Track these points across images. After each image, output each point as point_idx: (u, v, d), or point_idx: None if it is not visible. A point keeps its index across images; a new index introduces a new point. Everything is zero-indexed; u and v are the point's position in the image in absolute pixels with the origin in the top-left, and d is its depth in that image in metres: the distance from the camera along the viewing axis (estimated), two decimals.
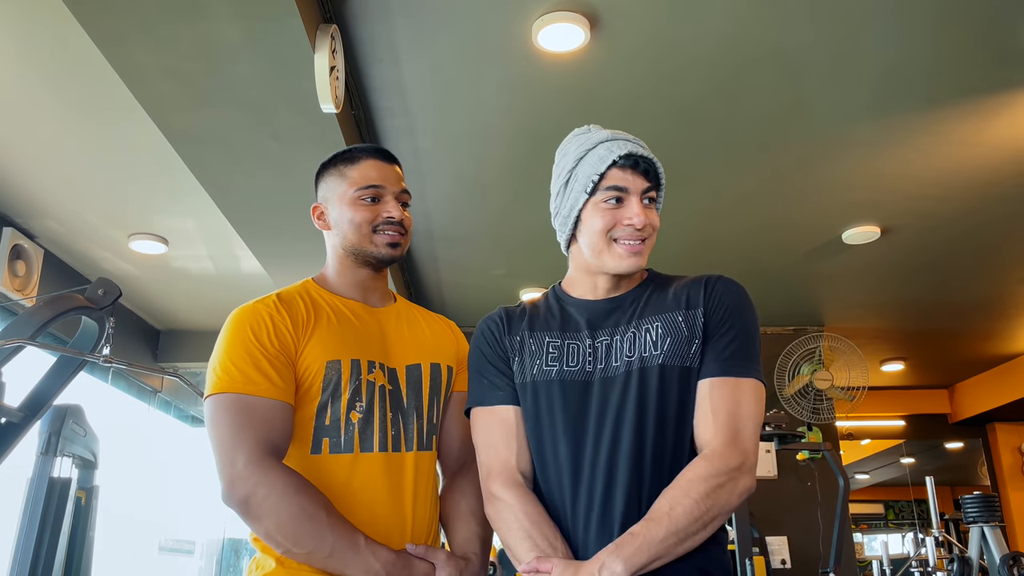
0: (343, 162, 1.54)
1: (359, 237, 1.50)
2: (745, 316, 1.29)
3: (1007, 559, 3.57)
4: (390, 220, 1.51)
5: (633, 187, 1.30)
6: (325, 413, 1.40)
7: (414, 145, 3.26)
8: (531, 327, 1.39)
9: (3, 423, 2.28)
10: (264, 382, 1.35)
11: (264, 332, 1.39)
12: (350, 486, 1.38)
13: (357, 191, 1.50)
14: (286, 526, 1.28)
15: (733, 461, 1.18)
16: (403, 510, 1.41)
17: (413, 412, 1.48)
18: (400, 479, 1.42)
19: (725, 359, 1.25)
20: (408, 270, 4.56)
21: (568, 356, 1.33)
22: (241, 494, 1.29)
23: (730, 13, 2.54)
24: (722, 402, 1.23)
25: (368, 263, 1.53)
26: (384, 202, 1.52)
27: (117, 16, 2.16)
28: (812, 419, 5.20)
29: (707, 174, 3.57)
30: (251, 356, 1.37)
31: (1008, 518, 6.92)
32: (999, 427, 7.17)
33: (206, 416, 1.37)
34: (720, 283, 1.31)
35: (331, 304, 1.50)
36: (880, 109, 3.06)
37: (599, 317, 1.35)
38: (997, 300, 5.10)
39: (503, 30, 2.59)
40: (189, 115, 2.65)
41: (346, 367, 1.42)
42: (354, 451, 1.39)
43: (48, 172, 3.38)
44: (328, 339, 1.43)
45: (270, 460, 1.31)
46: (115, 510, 3.86)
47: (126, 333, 4.98)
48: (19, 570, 2.31)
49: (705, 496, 1.16)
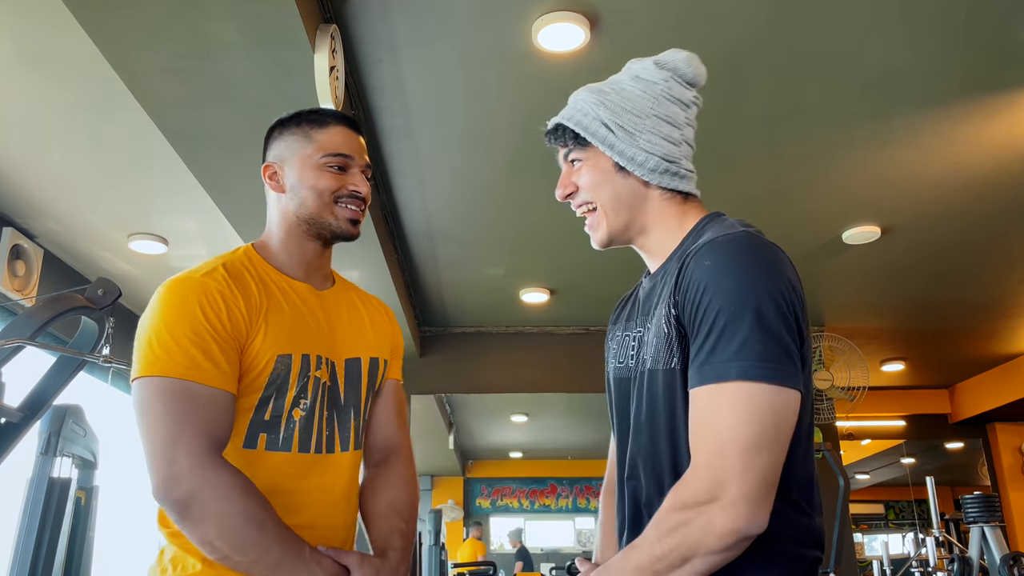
0: (309, 123, 1.41)
1: (320, 206, 1.37)
2: (723, 292, 1.00)
3: (1007, 559, 3.57)
4: (355, 193, 1.39)
5: (561, 159, 1.24)
6: (266, 408, 1.28)
7: (414, 145, 3.26)
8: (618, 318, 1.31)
9: (3, 423, 2.28)
10: (212, 368, 1.21)
11: (214, 311, 1.24)
12: (284, 487, 1.27)
13: (324, 157, 1.38)
14: (230, 533, 1.16)
15: (701, 493, 0.94)
16: (336, 513, 1.34)
17: (351, 410, 1.39)
18: (334, 481, 1.34)
19: (701, 363, 0.99)
20: (408, 270, 4.56)
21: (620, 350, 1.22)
22: (180, 494, 1.15)
23: (730, 13, 2.54)
24: (697, 418, 0.99)
25: (321, 236, 1.39)
26: (351, 173, 1.40)
27: (117, 16, 2.16)
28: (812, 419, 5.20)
29: (707, 174, 3.55)
30: (199, 337, 1.21)
31: (1008, 518, 6.92)
32: (999, 427, 7.17)
33: (136, 400, 1.21)
34: (699, 257, 1.05)
35: (279, 286, 1.36)
36: (880, 109, 3.06)
37: (641, 299, 1.20)
38: (997, 300, 5.10)
39: (503, 30, 2.59)
40: (189, 115, 2.65)
41: (296, 363, 1.30)
42: (292, 450, 1.29)
43: (48, 172, 3.38)
44: (280, 329, 1.31)
45: (214, 457, 1.18)
46: (115, 510, 3.86)
47: (126, 333, 4.97)
48: (19, 570, 2.31)
49: (667, 533, 0.95)
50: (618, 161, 1.17)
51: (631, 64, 1.23)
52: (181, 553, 1.24)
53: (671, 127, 1.19)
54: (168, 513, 1.19)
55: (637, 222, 1.20)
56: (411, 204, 3.78)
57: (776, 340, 0.97)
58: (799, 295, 1.06)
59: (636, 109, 1.18)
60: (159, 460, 1.17)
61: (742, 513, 0.91)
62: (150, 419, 1.20)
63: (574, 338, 5.70)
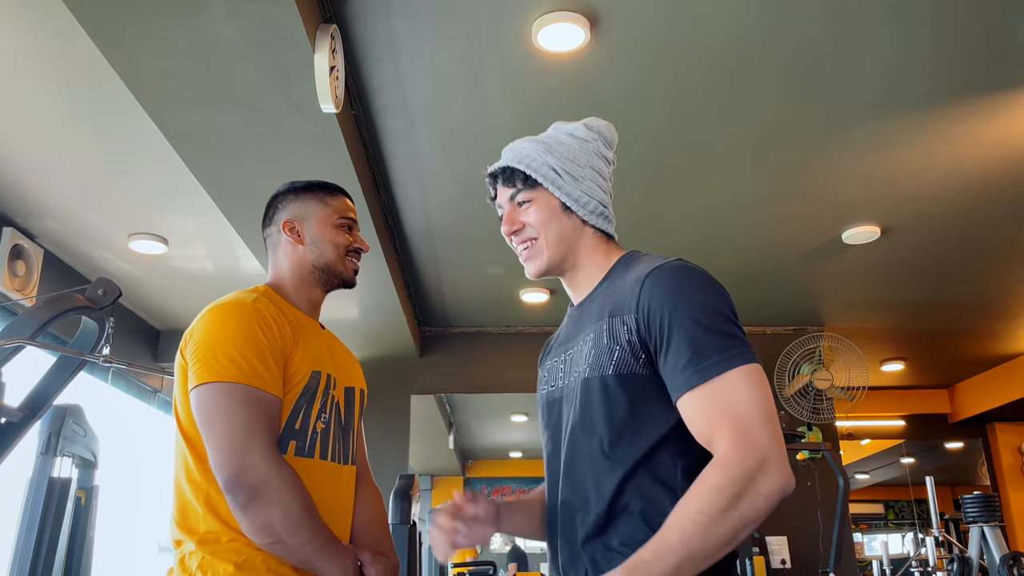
0: (322, 191, 1.69)
1: (336, 257, 1.65)
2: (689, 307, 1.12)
3: (1007, 559, 3.57)
4: (359, 250, 1.70)
5: (502, 198, 1.37)
6: (297, 418, 1.48)
7: (414, 145, 3.26)
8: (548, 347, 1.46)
9: (3, 423, 2.28)
10: (270, 377, 1.43)
11: (267, 329, 1.46)
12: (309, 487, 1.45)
13: (339, 219, 1.67)
14: (292, 517, 1.35)
15: (749, 463, 1.01)
16: (342, 516, 1.55)
17: (349, 430, 1.61)
18: (340, 489, 1.56)
19: (697, 363, 1.08)
20: (408, 270, 4.56)
21: (551, 376, 1.37)
22: (253, 481, 1.34)
23: (730, 13, 2.54)
24: (711, 410, 1.07)
25: (329, 282, 1.66)
26: (355, 233, 1.71)
27: (117, 16, 2.16)
28: (812, 419, 5.21)
29: (707, 174, 3.57)
30: (259, 350, 1.43)
31: (1008, 518, 6.92)
32: (999, 427, 7.17)
33: (210, 402, 1.39)
34: (656, 279, 1.16)
35: (298, 317, 1.59)
36: (880, 109, 3.06)
37: (571, 327, 1.36)
38: (997, 300, 5.10)
39: (503, 30, 2.59)
40: (189, 115, 2.65)
41: (323, 379, 1.53)
42: (315, 457, 1.49)
43: (48, 172, 3.38)
44: (310, 350, 1.54)
45: (279, 453, 1.41)
46: (115, 510, 3.85)
47: (126, 333, 4.98)
48: (19, 570, 2.31)
49: (724, 511, 1.00)
50: (564, 201, 1.32)
51: (560, 125, 1.38)
52: (210, 559, 1.37)
53: (601, 178, 1.35)
54: (236, 498, 1.35)
55: (571, 257, 1.34)
56: (411, 204, 3.78)
57: (741, 330, 1.15)
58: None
59: (576, 159, 1.33)
60: (236, 452, 1.36)
61: (783, 475, 1.03)
62: (224, 417, 1.38)
63: None
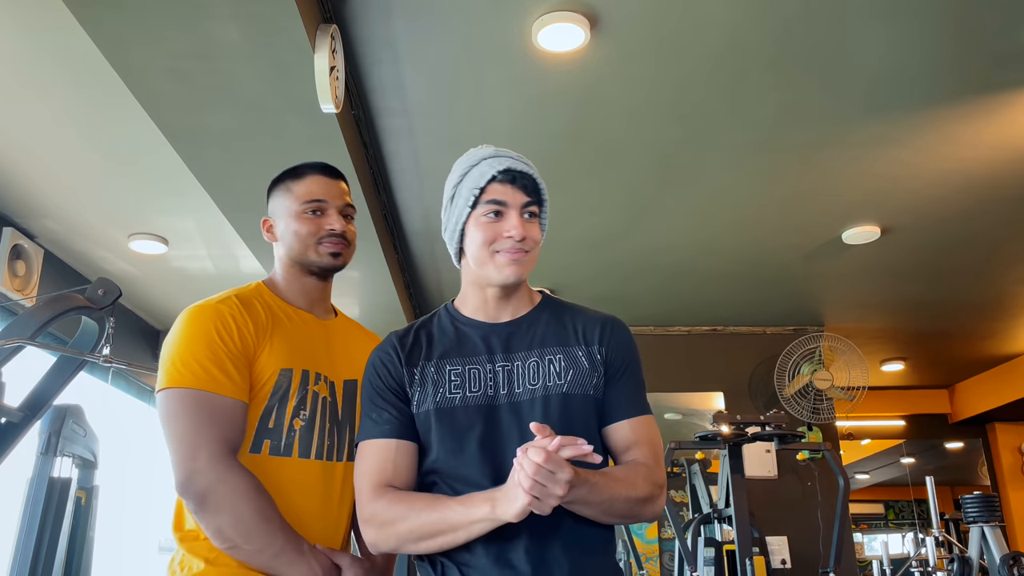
0: (290, 178, 1.62)
1: (303, 248, 1.58)
2: (638, 359, 1.45)
3: (1007, 559, 3.57)
4: (332, 232, 1.59)
5: (512, 201, 1.36)
6: (270, 417, 1.46)
7: (414, 145, 3.26)
8: (429, 355, 1.41)
9: (3, 423, 2.28)
10: (227, 381, 1.41)
11: (227, 331, 1.44)
12: (284, 488, 1.43)
13: (301, 205, 1.58)
14: (243, 523, 1.34)
15: (660, 480, 1.34)
16: (330, 515, 1.50)
17: (347, 425, 1.56)
18: (330, 486, 1.50)
19: (637, 401, 1.41)
20: (408, 270, 4.56)
21: (471, 382, 1.37)
22: (199, 488, 1.34)
23: (730, 13, 2.54)
24: (645, 435, 1.38)
25: (312, 272, 1.61)
26: (327, 215, 1.60)
27: (117, 16, 2.16)
28: (812, 419, 5.21)
29: (707, 174, 3.57)
30: (214, 354, 1.41)
31: (1008, 518, 6.92)
32: (999, 427, 7.17)
33: (164, 408, 1.40)
34: (616, 327, 1.44)
35: (286, 313, 1.57)
36: (880, 109, 3.06)
37: (498, 341, 1.40)
38: (997, 300, 5.10)
39: (503, 30, 2.59)
40: (189, 115, 2.65)
41: (297, 376, 1.49)
42: (292, 455, 1.46)
43: (48, 172, 3.38)
44: (284, 347, 1.50)
45: (231, 458, 1.38)
46: (115, 510, 3.85)
47: (126, 333, 4.97)
48: (19, 570, 2.31)
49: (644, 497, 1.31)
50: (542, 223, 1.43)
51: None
52: (188, 556, 1.40)
53: None
54: (188, 504, 1.37)
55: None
56: (411, 204, 3.78)
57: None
58: None
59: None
60: (183, 457, 1.36)
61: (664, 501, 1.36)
62: (175, 423, 1.38)
63: None
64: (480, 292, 1.44)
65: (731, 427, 3.72)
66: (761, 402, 5.38)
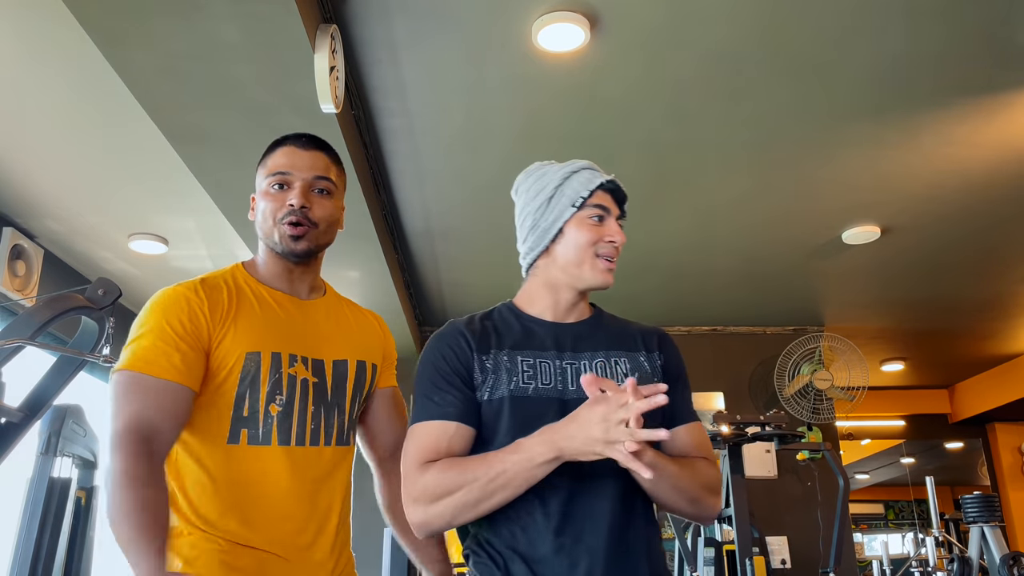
0: (268, 152, 1.52)
1: (268, 228, 1.46)
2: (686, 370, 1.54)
3: (1007, 559, 3.57)
4: (290, 209, 1.43)
5: (613, 210, 1.48)
6: (243, 404, 1.39)
7: (414, 145, 3.26)
8: (500, 344, 1.42)
9: (3, 423, 2.28)
10: (165, 363, 1.35)
11: (176, 315, 1.38)
12: (266, 476, 1.38)
13: (267, 179, 1.46)
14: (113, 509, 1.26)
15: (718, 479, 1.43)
16: (317, 502, 1.43)
17: (335, 407, 1.49)
18: (316, 472, 1.44)
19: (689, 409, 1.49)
20: (408, 270, 4.57)
21: (542, 374, 1.39)
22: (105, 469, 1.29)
23: (730, 13, 2.54)
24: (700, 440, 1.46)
25: (283, 254, 1.48)
26: (291, 189, 1.44)
27: (117, 16, 2.16)
28: (812, 419, 5.21)
29: (707, 174, 3.57)
30: (159, 337, 1.37)
31: (1008, 518, 6.92)
32: (999, 427, 7.17)
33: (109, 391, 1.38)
34: (669, 339, 1.53)
35: (256, 294, 1.47)
36: (880, 109, 3.06)
37: (565, 339, 1.45)
38: (997, 300, 5.10)
39: (503, 30, 2.59)
40: (189, 115, 2.65)
41: (266, 359, 1.41)
42: (271, 443, 1.39)
43: (48, 172, 3.38)
44: (248, 330, 1.41)
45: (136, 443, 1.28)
46: None
47: (126, 333, 4.97)
48: (19, 570, 2.31)
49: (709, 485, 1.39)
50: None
51: None
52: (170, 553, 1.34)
53: None
54: None
55: None
56: (411, 204, 3.78)
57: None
58: None
59: None
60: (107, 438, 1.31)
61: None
62: (111, 404, 1.34)
63: None
64: (553, 294, 1.49)
65: (731, 427, 3.72)
66: (761, 402, 5.38)
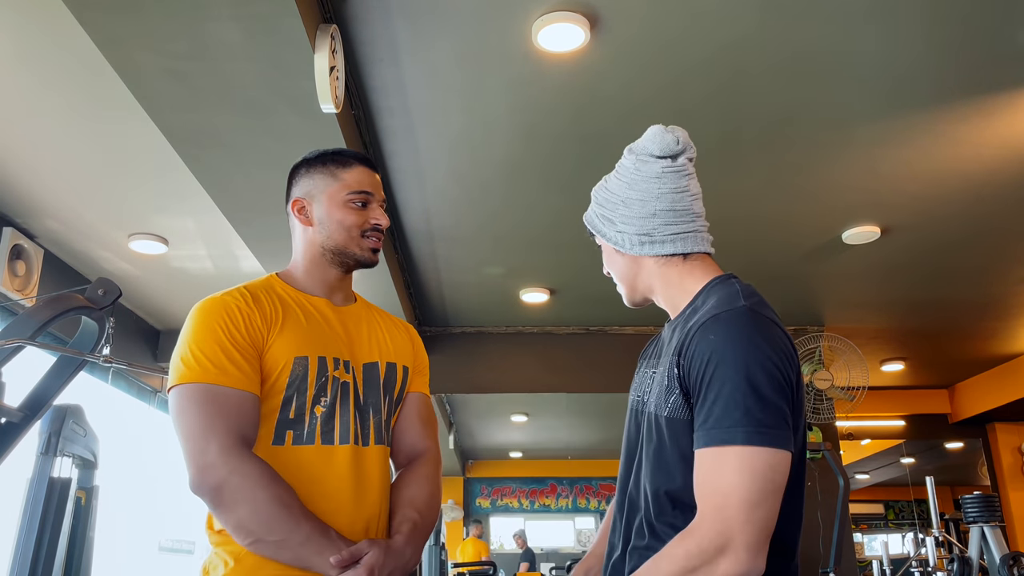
0: (334, 163, 1.57)
1: (347, 239, 1.54)
2: (726, 364, 1.11)
3: (1007, 559, 3.57)
4: (377, 226, 1.56)
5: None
6: (290, 407, 1.43)
7: (414, 145, 3.26)
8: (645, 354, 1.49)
9: (3, 423, 2.28)
10: (236, 373, 1.38)
11: (234, 324, 1.41)
12: (311, 477, 1.40)
13: (349, 194, 1.54)
14: (260, 513, 1.29)
15: (709, 541, 1.05)
16: (362, 500, 1.45)
17: (370, 408, 1.53)
18: (360, 471, 1.46)
19: (709, 426, 1.11)
20: (408, 270, 4.56)
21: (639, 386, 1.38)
22: (213, 482, 1.30)
23: (730, 13, 2.54)
24: (703, 474, 1.11)
25: (345, 264, 1.56)
26: (372, 208, 1.56)
27: (117, 16, 2.16)
28: (812, 419, 5.20)
29: (707, 174, 3.55)
30: (222, 347, 1.39)
31: (1008, 518, 6.92)
32: (999, 427, 7.17)
33: (172, 406, 1.38)
34: (699, 332, 1.17)
35: (298, 301, 1.53)
36: (880, 109, 3.06)
37: (662, 345, 1.37)
38: (997, 300, 5.10)
39: (503, 30, 2.59)
40: (189, 115, 2.65)
41: (313, 363, 1.46)
42: (315, 443, 1.43)
43: (48, 172, 3.38)
44: (296, 336, 1.47)
45: (242, 449, 1.33)
46: (115, 510, 3.85)
47: (126, 333, 4.98)
48: (19, 570, 2.31)
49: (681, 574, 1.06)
50: (611, 245, 1.37)
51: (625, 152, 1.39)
52: (216, 557, 1.38)
53: (641, 204, 1.32)
54: (204, 502, 1.33)
55: (641, 287, 1.38)
56: (411, 204, 3.78)
57: (774, 408, 1.10)
58: (794, 365, 1.18)
59: (613, 198, 1.35)
60: (194, 453, 1.32)
61: (745, 560, 1.04)
62: (185, 419, 1.35)
63: (574, 338, 5.70)
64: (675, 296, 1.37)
65: None
66: None
